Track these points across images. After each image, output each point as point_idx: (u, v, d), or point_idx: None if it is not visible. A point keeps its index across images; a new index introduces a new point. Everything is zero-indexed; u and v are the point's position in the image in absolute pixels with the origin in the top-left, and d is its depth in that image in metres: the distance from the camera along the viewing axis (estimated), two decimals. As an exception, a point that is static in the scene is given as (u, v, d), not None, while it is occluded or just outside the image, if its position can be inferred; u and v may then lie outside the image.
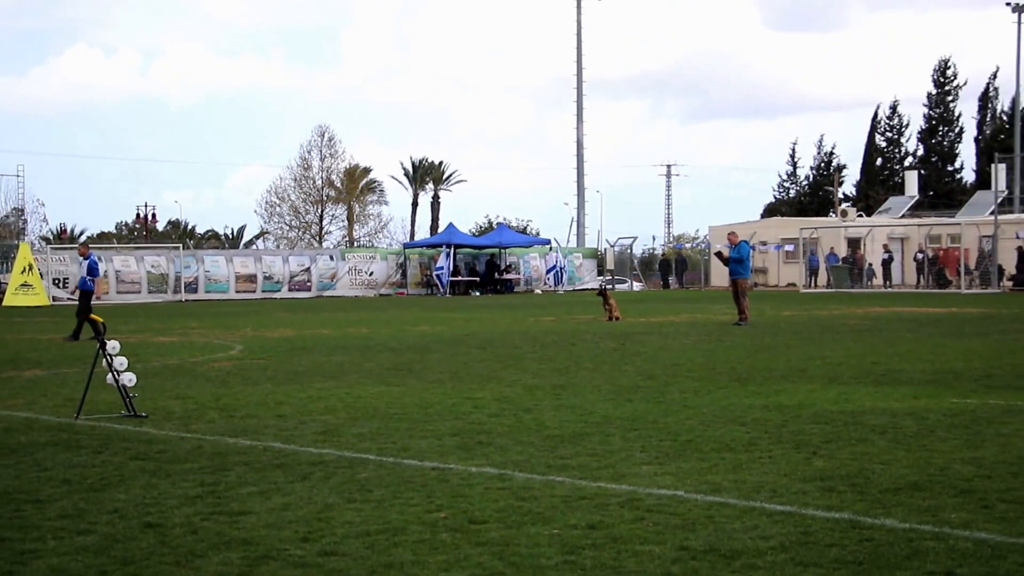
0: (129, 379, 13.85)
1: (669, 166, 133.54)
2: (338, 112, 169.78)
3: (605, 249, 74.13)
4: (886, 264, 63.00)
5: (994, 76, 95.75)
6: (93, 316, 15.74)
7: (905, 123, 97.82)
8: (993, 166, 67.66)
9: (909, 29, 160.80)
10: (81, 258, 29.60)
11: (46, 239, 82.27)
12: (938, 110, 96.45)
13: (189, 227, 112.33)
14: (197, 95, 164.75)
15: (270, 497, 9.08)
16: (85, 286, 28.43)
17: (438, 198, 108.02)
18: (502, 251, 68.58)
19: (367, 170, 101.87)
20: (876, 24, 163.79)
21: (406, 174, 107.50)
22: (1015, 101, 79.36)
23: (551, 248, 69.52)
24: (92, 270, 28.65)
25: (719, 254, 34.15)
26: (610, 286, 59.35)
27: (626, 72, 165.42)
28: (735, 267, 30.95)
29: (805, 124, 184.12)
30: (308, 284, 61.79)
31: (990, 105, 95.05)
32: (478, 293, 63.33)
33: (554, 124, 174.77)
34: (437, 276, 62.65)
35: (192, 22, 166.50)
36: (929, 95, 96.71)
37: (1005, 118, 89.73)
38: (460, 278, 64.35)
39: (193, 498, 9.10)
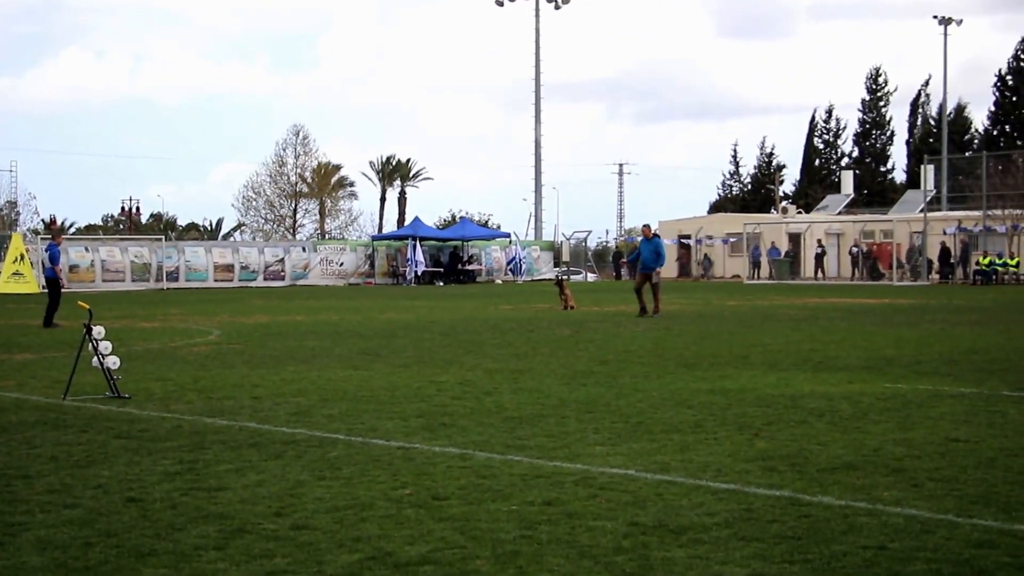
0: (113, 362, 13.74)
1: (622, 164, 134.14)
2: (313, 112, 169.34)
3: (561, 242, 74.32)
4: (819, 258, 63.27)
5: (926, 84, 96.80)
6: (81, 303, 15.48)
7: (841, 126, 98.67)
8: (923, 167, 68.18)
9: (847, 38, 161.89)
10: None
11: (36, 231, 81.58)
12: (871, 115, 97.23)
13: (171, 220, 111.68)
14: (182, 96, 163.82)
15: (245, 474, 9.03)
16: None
17: (405, 194, 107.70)
18: (465, 243, 68.52)
19: (338, 167, 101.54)
20: (818, 33, 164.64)
21: (375, 171, 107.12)
22: (942, 107, 79.93)
23: (511, 241, 69.55)
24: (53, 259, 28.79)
25: (633, 249, 33.79)
26: (566, 277, 59.39)
27: (583, 76, 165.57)
28: (651, 260, 29.18)
29: (749, 127, 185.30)
30: (282, 274, 61.60)
31: (920, 110, 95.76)
32: (442, 283, 63.22)
33: (515, 125, 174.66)
34: (409, 267, 62.42)
35: (181, 28, 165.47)
36: (863, 100, 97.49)
37: (933, 122, 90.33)
38: (425, 269, 64.19)
39: (173, 474, 9.04)
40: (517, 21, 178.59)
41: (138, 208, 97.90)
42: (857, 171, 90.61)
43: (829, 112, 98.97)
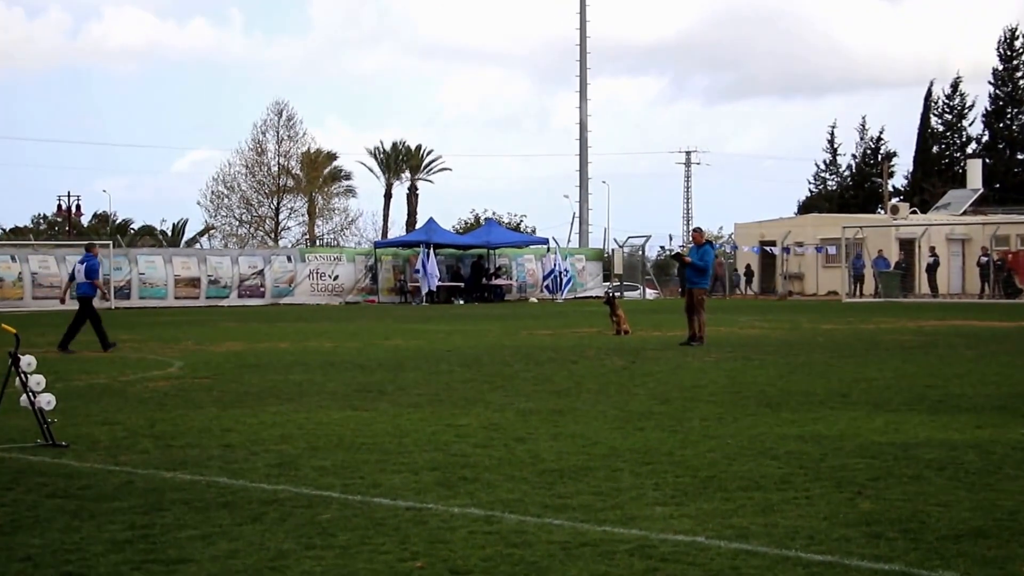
0: (47, 401, 13.74)
1: (689, 153, 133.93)
2: (300, 87, 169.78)
3: (613, 250, 74.15)
4: (931, 269, 62.93)
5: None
6: (5, 326, 15.50)
7: (968, 104, 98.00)
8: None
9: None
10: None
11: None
12: (1005, 88, 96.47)
13: (120, 221, 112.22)
14: (135, 65, 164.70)
15: (214, 542, 9.03)
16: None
17: (416, 189, 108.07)
18: (491, 252, 68.57)
19: (332, 155, 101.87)
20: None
21: (378, 160, 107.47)
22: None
23: (549, 249, 69.47)
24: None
25: (677, 255, 33.74)
26: (618, 294, 59.34)
27: (641, 40, 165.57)
28: (693, 275, 29.79)
29: (851, 105, 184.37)
30: (261, 289, 61.86)
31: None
32: (462, 301, 63.34)
33: (554, 103, 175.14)
34: (421, 281, 62.39)
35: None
36: (995, 71, 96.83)
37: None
38: (441, 283, 64.23)
39: (122, 543, 9.03)
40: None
41: (79, 206, 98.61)
42: (987, 159, 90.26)
43: (953, 86, 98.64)
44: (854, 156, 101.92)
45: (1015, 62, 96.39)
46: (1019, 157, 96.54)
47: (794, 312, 47.93)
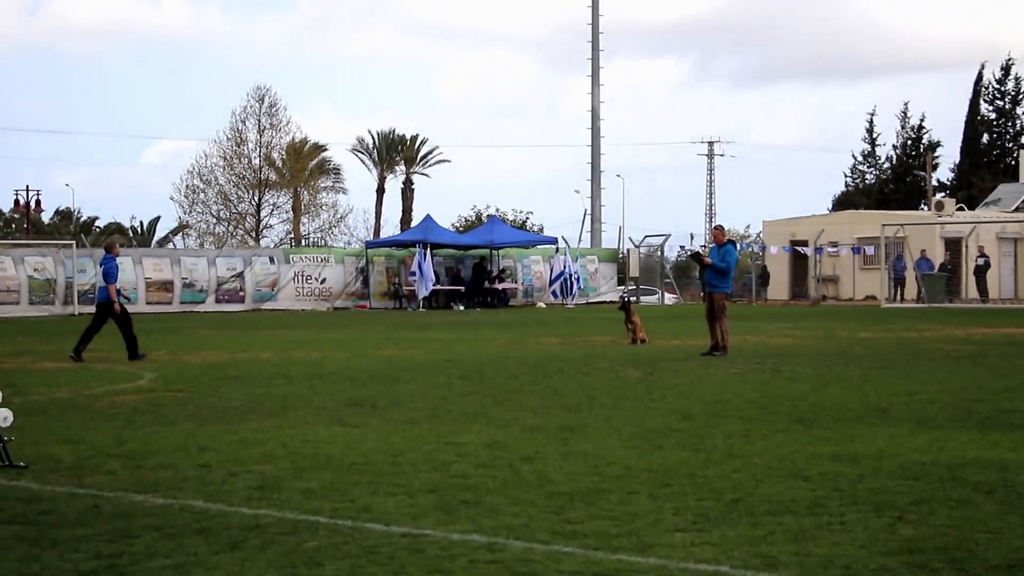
0: (3, 417, 13.69)
1: (712, 143, 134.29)
2: (284, 70, 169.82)
3: (628, 250, 74.29)
4: (980, 272, 62.81)
5: None
6: None
7: (1022, 88, 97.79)
8: None
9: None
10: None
11: None
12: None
13: (85, 219, 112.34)
14: (100, 45, 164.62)
15: (188, 572, 9.04)
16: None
17: (411, 183, 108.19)
18: (494, 252, 68.67)
19: (319, 146, 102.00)
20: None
21: (369, 152, 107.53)
22: None
23: (558, 249, 69.49)
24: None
25: (696, 255, 33.68)
26: (634, 299, 59.33)
27: (660, 17, 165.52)
28: (713, 278, 29.63)
29: (891, 89, 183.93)
30: (241, 294, 62.01)
31: None
32: (462, 307, 63.49)
33: (563, 88, 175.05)
34: (416, 285, 62.35)
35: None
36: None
37: None
38: (440, 287, 64.26)
39: (87, 574, 9.05)
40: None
41: (38, 201, 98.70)
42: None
43: (1005, 69, 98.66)
44: (895, 146, 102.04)
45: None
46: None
47: (828, 319, 47.92)
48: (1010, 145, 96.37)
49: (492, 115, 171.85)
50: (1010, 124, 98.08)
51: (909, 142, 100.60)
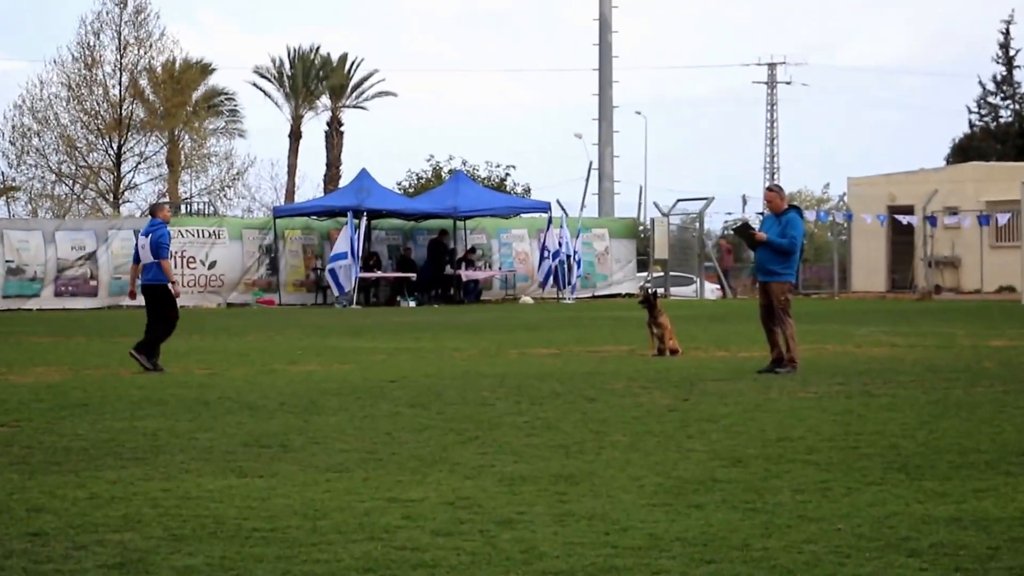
0: None
1: (774, 65, 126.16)
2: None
3: (652, 220, 66.98)
4: None
5: None
6: None
7: None
8: None
9: None
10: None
11: None
12: None
13: None
14: None
15: None
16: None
17: (339, 124, 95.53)
18: (459, 224, 60.64)
19: (208, 68, 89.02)
20: None
21: (279, 79, 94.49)
22: None
23: (551, 219, 60.97)
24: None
25: (744, 228, 28.00)
26: (661, 290, 53.88)
27: None
28: (770, 261, 24.71)
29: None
30: (93, 284, 56.03)
31: None
32: (413, 303, 56.84)
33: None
34: (332, 271, 56.02)
35: None
36: None
37: None
38: (380, 273, 58.10)
39: None
40: None
41: None
42: None
43: None
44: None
45: None
46: None
47: (944, 319, 44.34)
48: None
49: (459, 28, 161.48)
50: None
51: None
